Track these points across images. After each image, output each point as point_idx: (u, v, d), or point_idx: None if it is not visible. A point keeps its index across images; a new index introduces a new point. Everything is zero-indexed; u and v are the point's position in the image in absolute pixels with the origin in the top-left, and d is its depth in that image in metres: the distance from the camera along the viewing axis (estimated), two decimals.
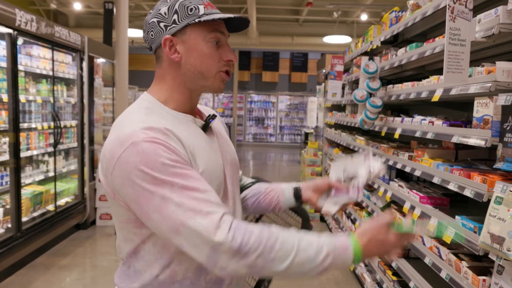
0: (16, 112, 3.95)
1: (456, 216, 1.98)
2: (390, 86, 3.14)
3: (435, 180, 2.21)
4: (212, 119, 1.27)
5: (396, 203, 2.98)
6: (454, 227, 1.07)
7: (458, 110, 2.93)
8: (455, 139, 2.01)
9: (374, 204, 3.36)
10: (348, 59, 4.85)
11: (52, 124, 4.78)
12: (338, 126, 5.36)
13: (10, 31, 3.81)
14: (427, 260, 2.25)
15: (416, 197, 2.47)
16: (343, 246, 1.07)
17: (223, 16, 1.17)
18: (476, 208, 2.40)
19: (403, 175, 3.04)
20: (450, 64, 1.83)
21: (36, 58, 4.48)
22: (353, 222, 4.17)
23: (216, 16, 1.16)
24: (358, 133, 4.49)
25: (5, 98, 3.87)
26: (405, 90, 2.78)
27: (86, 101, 5.37)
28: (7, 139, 3.93)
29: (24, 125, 4.27)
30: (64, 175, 5.34)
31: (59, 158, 5.08)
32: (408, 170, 2.60)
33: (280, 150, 16.78)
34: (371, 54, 3.31)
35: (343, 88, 5.05)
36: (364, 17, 11.49)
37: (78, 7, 11.36)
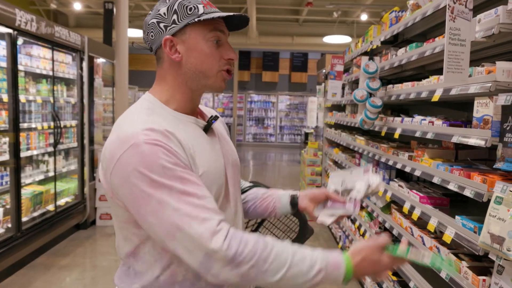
0: (16, 112, 3.95)
1: (456, 216, 1.98)
2: (390, 86, 3.14)
3: (435, 180, 2.21)
4: (214, 120, 1.27)
5: (396, 203, 2.98)
6: (448, 265, 1.07)
7: (458, 110, 2.93)
8: (455, 139, 2.01)
9: (374, 204, 3.36)
10: (348, 59, 4.85)
11: (52, 124, 4.78)
12: (338, 126, 5.36)
13: (10, 31, 3.81)
14: None
15: (416, 197, 2.47)
16: (335, 263, 1.09)
17: (223, 14, 1.17)
18: (476, 208, 2.40)
19: (403, 175, 3.04)
20: (450, 64, 1.83)
21: (36, 58, 4.48)
22: (353, 222, 4.17)
23: (216, 14, 1.16)
24: (358, 133, 4.49)
25: (5, 98, 3.87)
26: (405, 90, 2.78)
27: (86, 101, 5.37)
28: (7, 139, 3.94)
29: (24, 125, 4.27)
30: (64, 175, 5.34)
31: (59, 158, 5.08)
32: (408, 170, 2.60)
33: (280, 150, 16.79)
34: (371, 54, 3.31)
35: (343, 88, 5.05)
36: (364, 17, 11.49)
37: (78, 7, 11.36)
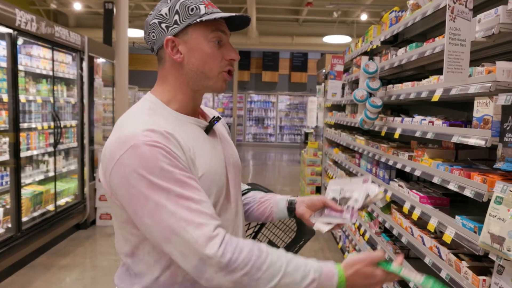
0: (16, 112, 3.95)
1: (456, 216, 1.98)
2: (390, 86, 3.14)
3: (435, 180, 2.21)
4: (216, 121, 1.27)
5: (396, 203, 2.98)
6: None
7: (458, 110, 2.93)
8: (455, 139, 2.01)
9: (374, 204, 3.36)
10: (348, 59, 4.85)
11: (52, 124, 4.78)
12: (338, 126, 5.35)
13: (10, 31, 3.81)
14: (427, 260, 2.25)
15: (416, 197, 2.47)
16: (328, 274, 1.09)
17: (225, 15, 1.17)
18: (476, 208, 2.40)
19: (403, 175, 3.03)
20: (450, 64, 1.83)
21: (36, 58, 4.48)
22: None
23: (218, 15, 1.16)
24: (358, 133, 4.48)
25: (5, 98, 3.87)
26: (405, 90, 2.78)
27: (86, 101, 5.37)
28: (7, 139, 3.94)
29: (24, 125, 4.27)
30: (64, 175, 5.34)
31: (59, 158, 5.08)
32: (408, 170, 2.60)
33: (280, 150, 16.79)
34: (371, 54, 3.30)
35: (343, 88, 5.05)
36: (364, 17, 11.49)
37: (78, 7, 11.36)
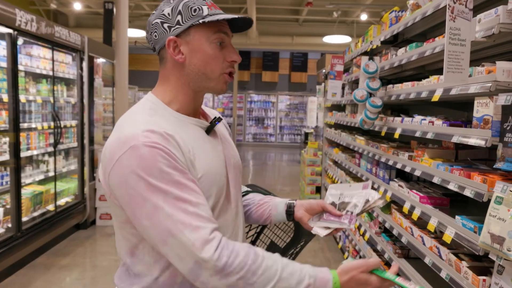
0: (16, 112, 3.95)
1: (456, 216, 1.98)
2: (390, 86, 3.14)
3: (435, 180, 2.21)
4: (217, 122, 1.27)
5: (396, 203, 2.98)
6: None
7: (458, 110, 2.93)
8: (455, 139, 2.01)
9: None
10: (348, 59, 4.85)
11: (52, 124, 4.78)
12: (338, 126, 5.35)
13: (10, 31, 3.81)
14: (427, 260, 2.25)
15: (416, 197, 2.47)
16: (323, 280, 1.09)
17: (227, 16, 1.17)
18: (476, 208, 2.40)
19: (403, 175, 3.03)
20: (450, 64, 1.82)
21: (36, 58, 4.48)
22: None
23: (220, 16, 1.16)
24: (358, 133, 4.48)
25: (5, 98, 3.87)
26: (405, 90, 2.78)
27: (86, 101, 5.37)
28: (7, 139, 3.94)
29: (24, 125, 4.27)
30: (64, 175, 5.34)
31: (59, 158, 5.08)
32: (408, 170, 2.60)
33: (280, 150, 16.79)
34: (371, 54, 3.30)
35: (343, 88, 5.04)
36: (364, 17, 11.49)
37: (78, 7, 11.36)
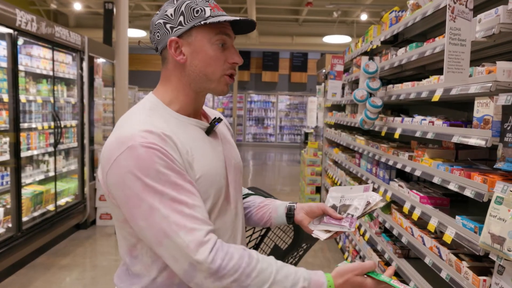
0: (16, 112, 3.95)
1: (457, 216, 1.98)
2: (390, 86, 3.14)
3: (435, 180, 2.21)
4: (217, 123, 1.27)
5: (396, 203, 2.98)
6: None
7: (458, 110, 2.93)
8: (455, 139, 2.01)
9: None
10: (348, 59, 4.85)
11: (52, 124, 4.78)
12: (338, 126, 5.35)
13: (10, 31, 3.81)
14: (427, 260, 2.25)
15: (416, 197, 2.47)
16: (317, 283, 1.09)
17: (230, 18, 1.16)
18: (477, 208, 2.40)
19: (403, 175, 3.03)
20: (450, 64, 1.82)
21: (36, 58, 4.48)
22: None
23: (222, 18, 1.15)
24: (358, 133, 4.48)
25: (5, 98, 3.87)
26: (405, 90, 2.78)
27: (86, 101, 5.37)
28: (7, 139, 3.94)
29: (25, 125, 4.27)
30: (64, 175, 5.34)
31: (59, 158, 5.08)
32: (408, 170, 2.60)
33: (280, 150, 16.79)
34: (371, 54, 3.30)
35: (343, 88, 5.04)
36: (364, 17, 11.49)
37: (78, 7, 11.36)
